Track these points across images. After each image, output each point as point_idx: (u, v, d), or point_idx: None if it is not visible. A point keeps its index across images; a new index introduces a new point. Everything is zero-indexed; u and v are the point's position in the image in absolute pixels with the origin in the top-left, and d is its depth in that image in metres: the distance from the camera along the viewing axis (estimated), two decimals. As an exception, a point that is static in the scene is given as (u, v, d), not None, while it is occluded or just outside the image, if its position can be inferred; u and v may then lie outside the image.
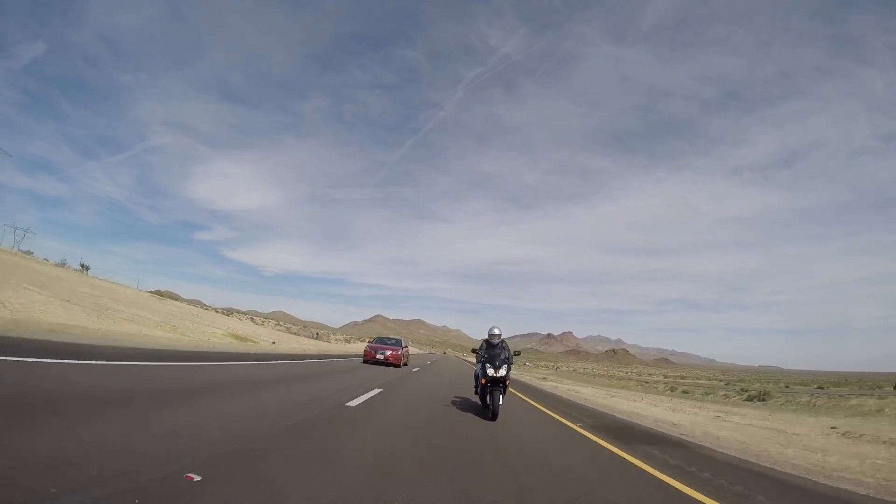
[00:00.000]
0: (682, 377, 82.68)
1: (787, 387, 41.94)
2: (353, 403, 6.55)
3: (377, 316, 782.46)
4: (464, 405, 8.70)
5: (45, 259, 31.82)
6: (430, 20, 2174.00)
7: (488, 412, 7.42)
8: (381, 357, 18.26)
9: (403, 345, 21.50)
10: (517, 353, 8.62)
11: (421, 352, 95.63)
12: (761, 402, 20.34)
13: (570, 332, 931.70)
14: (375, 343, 21.00)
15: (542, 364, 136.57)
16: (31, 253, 33.17)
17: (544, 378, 38.03)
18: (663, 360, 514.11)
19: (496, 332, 8.07)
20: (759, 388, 31.87)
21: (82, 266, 34.43)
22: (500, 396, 7.45)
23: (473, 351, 8.78)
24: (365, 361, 18.48)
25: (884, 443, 7.85)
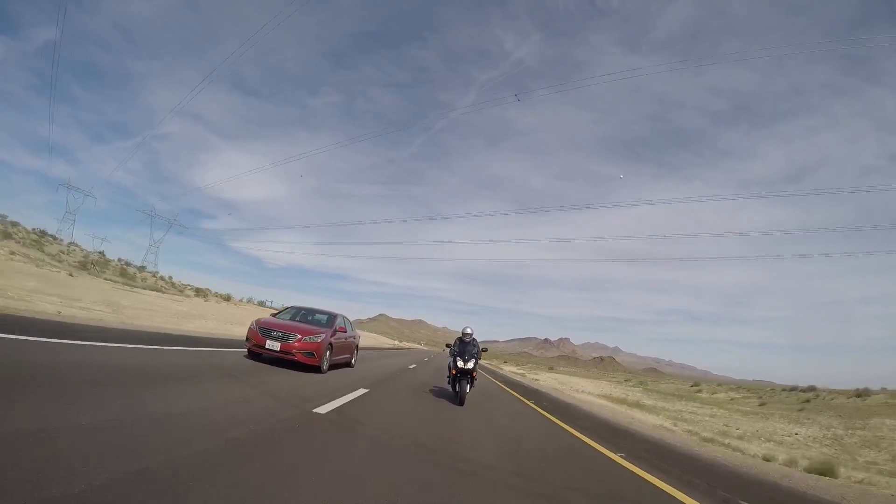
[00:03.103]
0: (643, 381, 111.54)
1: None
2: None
3: (381, 315, 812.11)
4: (440, 393, 10.37)
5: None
6: (446, 22, 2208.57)
7: (458, 399, 8.88)
8: (276, 348, 8.50)
9: (337, 327, 10.45)
10: (485, 350, 10.04)
11: (425, 348, 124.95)
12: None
13: (566, 339, 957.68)
14: (282, 318, 10.27)
15: (527, 364, 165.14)
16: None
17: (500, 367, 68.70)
18: (652, 370, 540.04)
19: (468, 331, 9.42)
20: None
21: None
22: (468, 385, 8.96)
23: (447, 346, 10.00)
24: (249, 355, 9.01)
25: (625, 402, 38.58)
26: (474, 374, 9.14)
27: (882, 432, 16.84)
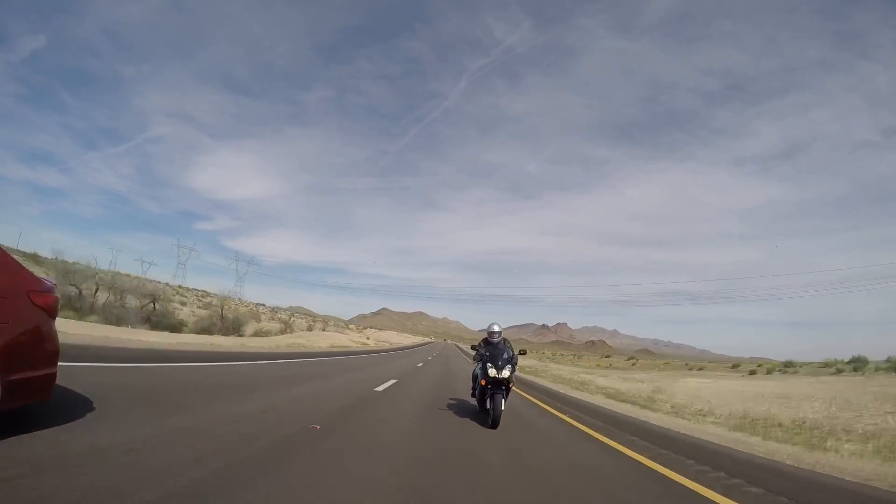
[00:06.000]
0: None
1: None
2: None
3: (383, 309, 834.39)
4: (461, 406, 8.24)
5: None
6: (436, 12, 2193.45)
7: (488, 418, 6.59)
8: None
9: None
10: (522, 353, 7.94)
11: (430, 340, 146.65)
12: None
13: (564, 324, 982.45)
14: None
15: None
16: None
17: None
18: (644, 351, 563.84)
19: (496, 328, 7.48)
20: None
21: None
22: (503, 401, 6.65)
23: (473, 348, 7.85)
24: None
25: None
26: (510, 385, 6.82)
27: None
